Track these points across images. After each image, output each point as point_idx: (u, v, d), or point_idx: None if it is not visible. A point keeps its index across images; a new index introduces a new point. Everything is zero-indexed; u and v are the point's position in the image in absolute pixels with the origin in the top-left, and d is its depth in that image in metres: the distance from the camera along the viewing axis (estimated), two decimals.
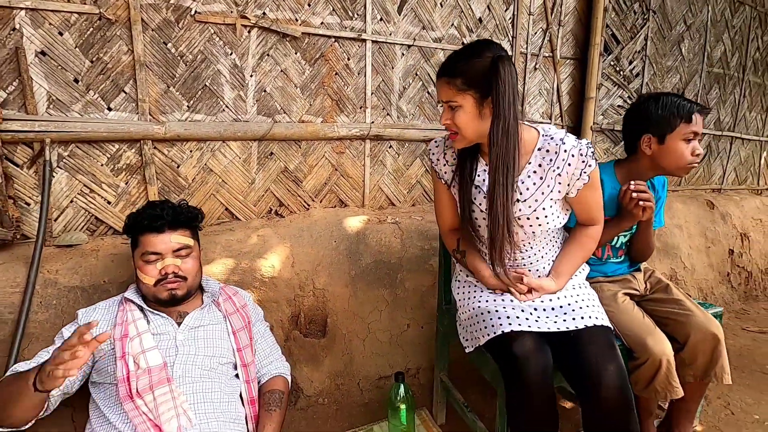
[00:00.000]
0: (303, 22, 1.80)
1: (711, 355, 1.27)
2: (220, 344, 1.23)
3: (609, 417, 1.01)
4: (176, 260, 1.19)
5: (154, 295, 1.18)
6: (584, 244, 1.27)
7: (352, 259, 1.86)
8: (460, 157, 1.24)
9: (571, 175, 1.15)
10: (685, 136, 1.33)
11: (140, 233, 1.19)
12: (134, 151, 1.61)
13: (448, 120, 1.13)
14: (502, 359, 1.10)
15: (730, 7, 3.16)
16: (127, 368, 1.07)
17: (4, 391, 1.01)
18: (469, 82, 1.07)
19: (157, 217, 1.19)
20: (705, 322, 1.28)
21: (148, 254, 1.17)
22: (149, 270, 1.17)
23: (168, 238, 1.19)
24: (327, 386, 1.70)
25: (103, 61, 1.50)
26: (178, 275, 1.19)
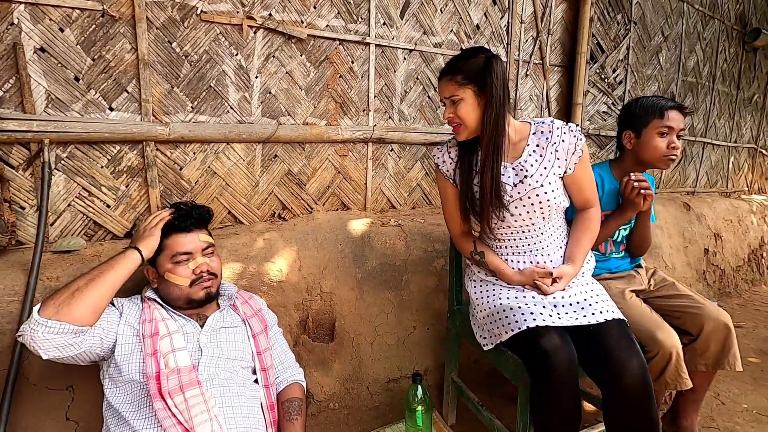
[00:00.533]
0: (308, 24, 1.79)
1: (723, 343, 1.36)
2: (241, 347, 1.21)
3: (632, 406, 1.05)
4: (206, 258, 1.19)
5: (188, 296, 1.17)
6: (588, 228, 1.35)
7: (357, 262, 1.86)
8: (461, 152, 1.34)
9: (567, 150, 1.26)
10: (659, 130, 1.46)
11: (167, 236, 1.17)
12: (136, 153, 1.55)
13: (452, 113, 1.26)
14: (528, 354, 1.13)
15: (701, 20, 3.36)
16: (158, 366, 1.03)
17: (93, 271, 1.05)
18: (468, 77, 1.21)
19: (186, 216, 1.19)
20: (717, 313, 1.36)
21: (179, 255, 1.16)
22: (182, 271, 1.16)
23: (196, 237, 1.20)
24: (337, 391, 1.68)
25: (105, 60, 1.45)
26: (211, 272, 1.19)
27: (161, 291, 1.21)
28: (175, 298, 1.18)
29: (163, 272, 1.18)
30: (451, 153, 1.38)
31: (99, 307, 1.03)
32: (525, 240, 1.30)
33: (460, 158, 1.34)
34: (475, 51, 1.24)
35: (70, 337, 0.98)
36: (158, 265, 1.19)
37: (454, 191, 1.38)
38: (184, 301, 1.18)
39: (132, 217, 1.59)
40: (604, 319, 1.14)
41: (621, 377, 1.04)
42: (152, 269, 1.22)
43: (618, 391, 1.05)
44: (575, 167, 1.28)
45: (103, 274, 1.06)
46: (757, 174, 4.40)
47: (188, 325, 1.17)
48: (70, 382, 1.27)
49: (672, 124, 1.45)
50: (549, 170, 1.26)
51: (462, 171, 1.33)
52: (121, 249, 1.47)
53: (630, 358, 1.05)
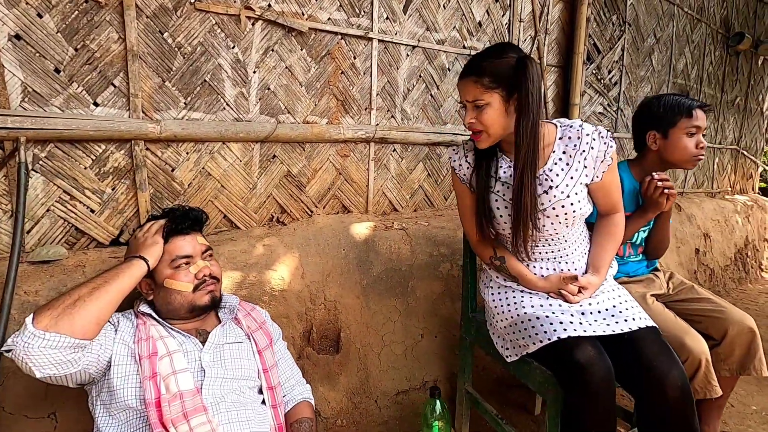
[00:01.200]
0: (309, 16, 1.69)
1: (748, 348, 1.32)
2: (246, 365, 1.10)
3: (673, 419, 1.00)
4: (206, 262, 1.11)
5: (192, 303, 1.07)
6: (613, 233, 1.28)
7: (362, 268, 1.76)
8: (479, 155, 1.25)
9: (596, 157, 1.18)
10: (687, 130, 1.41)
11: (165, 240, 1.08)
12: (123, 153, 1.42)
13: (473, 119, 1.14)
14: (561, 367, 1.06)
15: (690, 23, 3.41)
16: (158, 391, 0.92)
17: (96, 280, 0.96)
18: (496, 80, 1.09)
19: (184, 218, 1.10)
20: (740, 316, 1.33)
21: (179, 259, 1.07)
22: (182, 276, 1.06)
23: (195, 240, 1.12)
24: (344, 406, 1.57)
25: (89, 50, 1.32)
26: (213, 276, 1.11)
27: (159, 303, 1.09)
28: (177, 307, 1.07)
29: (162, 279, 1.07)
30: (468, 158, 1.28)
31: (102, 318, 0.92)
32: (548, 247, 1.24)
33: (477, 164, 1.25)
34: (504, 49, 1.11)
35: (69, 352, 0.87)
36: (156, 273, 1.08)
37: (472, 196, 1.29)
38: (187, 309, 1.08)
39: (119, 222, 1.46)
40: (637, 327, 1.09)
41: (662, 389, 0.98)
42: (146, 280, 1.10)
43: (659, 404, 0.99)
44: (603, 175, 1.19)
45: (108, 282, 0.95)
46: (739, 175, 4.51)
47: (188, 342, 1.06)
48: (52, 409, 1.13)
49: (699, 123, 1.41)
50: (576, 180, 1.17)
51: (479, 178, 1.24)
52: (107, 258, 1.36)
53: (671, 369, 0.99)
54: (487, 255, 1.31)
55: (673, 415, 0.99)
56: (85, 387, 1.01)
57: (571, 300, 1.16)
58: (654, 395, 0.99)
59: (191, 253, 1.10)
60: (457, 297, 1.92)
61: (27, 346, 0.82)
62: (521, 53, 1.10)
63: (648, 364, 1.01)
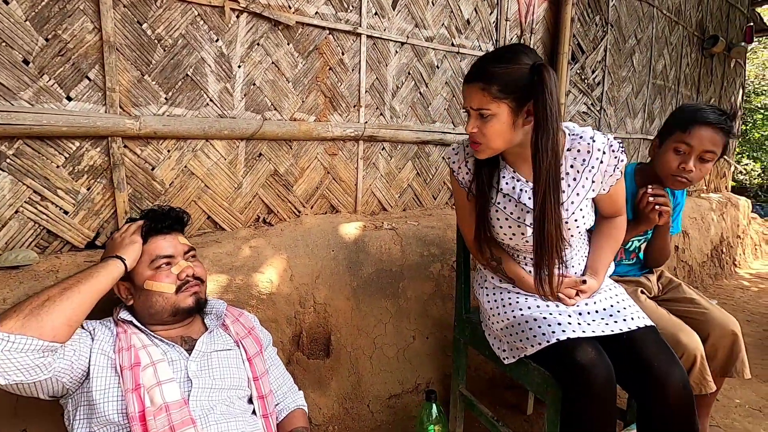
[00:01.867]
0: (297, 10, 1.64)
1: (730, 350, 1.31)
2: (236, 373, 1.05)
3: (675, 419, 0.99)
4: (189, 262, 1.06)
5: (175, 305, 1.01)
6: (613, 236, 1.26)
7: (352, 270, 1.72)
8: (478, 165, 1.18)
9: (604, 172, 1.12)
10: (676, 146, 1.29)
11: (144, 240, 1.03)
12: (100, 150, 1.34)
13: (475, 129, 1.05)
14: (561, 368, 1.04)
15: (668, 25, 3.48)
16: (142, 404, 0.86)
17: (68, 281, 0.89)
18: (506, 89, 0.99)
19: (164, 217, 1.05)
20: (723, 318, 1.32)
21: (159, 259, 1.02)
22: (164, 277, 1.01)
23: (176, 240, 1.06)
24: (336, 412, 1.53)
25: (61, 40, 1.23)
26: (197, 277, 1.06)
27: (139, 308, 1.03)
28: (159, 310, 1.01)
29: (142, 282, 1.01)
30: (468, 163, 1.20)
31: (74, 320, 0.86)
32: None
33: (477, 172, 1.18)
34: (517, 53, 0.99)
35: (37, 356, 0.80)
36: (135, 275, 1.02)
37: (471, 200, 1.24)
38: (170, 312, 1.02)
39: (95, 224, 1.37)
40: (636, 326, 1.08)
41: (664, 389, 0.98)
42: (125, 284, 1.03)
43: (660, 404, 0.99)
44: (610, 188, 1.14)
45: (81, 282, 0.89)
46: (713, 173, 4.65)
47: (172, 351, 1.00)
48: (22, 425, 1.05)
49: (693, 143, 1.25)
50: (582, 197, 1.11)
51: (479, 189, 1.17)
52: (82, 262, 1.28)
53: (672, 369, 0.99)
54: (484, 255, 1.29)
55: (674, 414, 0.98)
56: (60, 401, 0.94)
57: (567, 303, 1.14)
58: (655, 395, 0.99)
59: (172, 252, 1.04)
60: (448, 297, 1.89)
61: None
62: (537, 58, 0.99)
63: (648, 364, 1.00)
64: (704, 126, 1.24)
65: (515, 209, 1.16)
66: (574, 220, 1.13)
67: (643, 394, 1.02)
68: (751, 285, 3.85)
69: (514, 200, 1.15)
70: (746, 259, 4.62)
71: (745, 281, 3.96)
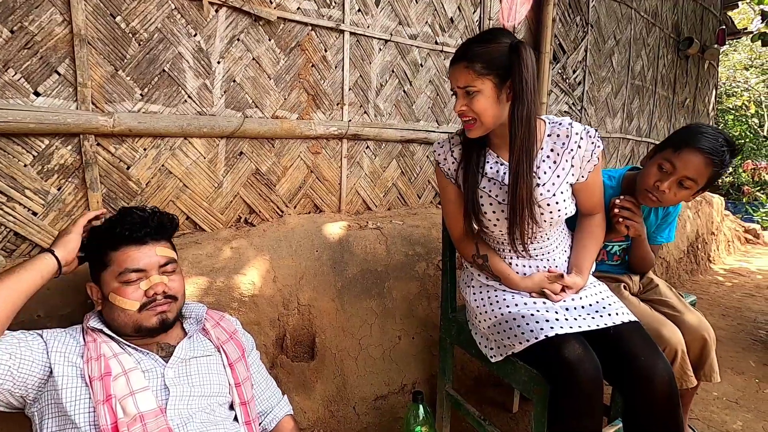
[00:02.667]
0: (278, 5, 1.60)
1: (700, 354, 1.31)
2: (216, 380, 1.01)
3: (660, 412, 1.00)
4: (163, 277, 0.97)
5: (137, 323, 0.93)
6: (594, 234, 1.28)
7: (336, 270, 1.69)
8: (467, 150, 1.20)
9: (582, 156, 1.16)
10: (660, 162, 1.23)
11: (115, 247, 0.94)
12: (71, 148, 1.28)
13: (464, 106, 1.09)
14: (549, 365, 1.04)
15: (646, 27, 3.56)
16: (114, 415, 0.81)
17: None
18: (489, 66, 1.04)
19: (141, 225, 0.95)
20: (694, 322, 1.32)
21: (128, 273, 0.93)
22: (130, 293, 0.92)
23: (153, 251, 0.96)
24: (321, 415, 1.50)
25: (28, 32, 1.17)
26: (168, 295, 0.96)
27: (106, 316, 0.97)
28: (121, 324, 0.94)
29: (107, 293, 0.94)
30: (455, 152, 1.23)
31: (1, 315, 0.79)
32: (530, 245, 1.21)
33: (465, 158, 1.20)
34: (496, 34, 1.06)
35: None
36: (103, 282, 0.95)
37: (457, 191, 1.25)
38: (133, 328, 0.95)
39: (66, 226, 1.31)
40: (621, 321, 1.09)
41: (649, 383, 0.98)
42: (96, 287, 0.97)
43: (646, 397, 0.99)
44: (589, 175, 1.18)
45: (3, 278, 0.83)
46: None
47: (146, 359, 0.95)
48: None
49: (677, 164, 1.20)
50: (562, 179, 1.15)
51: (466, 173, 1.19)
52: None
53: (657, 363, 1.00)
54: (470, 253, 1.28)
55: (660, 407, 0.99)
56: (26, 412, 0.89)
57: (553, 299, 1.15)
58: (641, 389, 0.99)
59: (144, 266, 0.95)
60: (433, 297, 1.89)
61: None
62: (514, 38, 1.06)
63: (634, 358, 1.01)
64: (695, 151, 1.18)
65: (500, 192, 1.18)
66: (556, 203, 1.15)
67: (629, 388, 1.02)
68: (726, 280, 3.96)
69: (498, 183, 1.17)
70: (720, 255, 4.76)
71: (720, 276, 4.08)
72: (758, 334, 2.63)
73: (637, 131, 3.70)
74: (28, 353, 0.85)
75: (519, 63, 1.01)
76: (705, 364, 1.33)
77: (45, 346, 0.88)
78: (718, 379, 1.34)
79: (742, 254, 5.09)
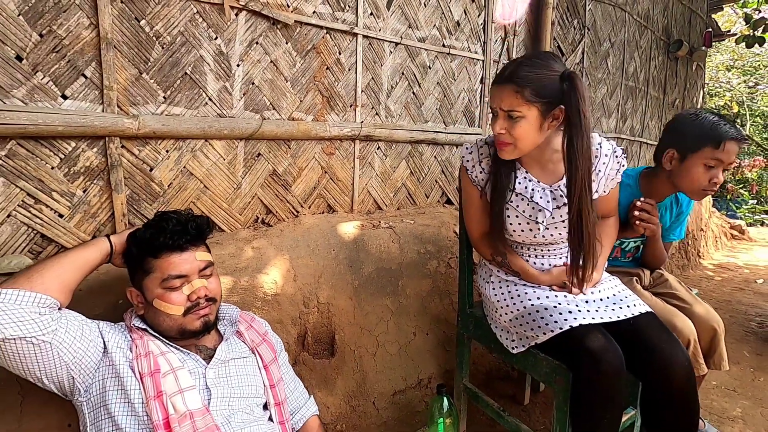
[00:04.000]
0: (295, 9, 1.63)
1: (710, 345, 1.38)
2: (253, 381, 1.04)
3: (680, 395, 1.05)
4: (203, 281, 0.99)
5: (182, 327, 0.96)
6: (609, 234, 1.34)
7: (353, 269, 1.73)
8: (496, 165, 1.22)
9: (607, 175, 1.21)
10: (707, 162, 1.30)
11: (156, 255, 0.95)
12: (96, 151, 1.29)
13: (503, 130, 1.09)
14: (572, 355, 1.09)
15: (638, 29, 3.66)
16: (166, 411, 0.84)
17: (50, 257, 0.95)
18: (538, 93, 1.04)
19: (182, 233, 0.97)
20: (704, 314, 1.39)
21: (171, 279, 0.95)
22: (175, 298, 0.95)
23: (193, 257, 0.98)
24: (343, 410, 1.53)
25: (56, 36, 1.18)
26: (209, 297, 0.99)
27: (149, 320, 0.99)
28: (166, 328, 0.97)
29: (151, 299, 0.96)
30: (483, 164, 1.24)
31: (64, 278, 0.89)
32: (550, 246, 1.27)
33: (495, 173, 1.20)
34: (547, 60, 1.05)
35: (33, 309, 0.82)
36: (145, 289, 0.97)
37: (482, 201, 1.28)
38: (177, 332, 0.97)
39: (91, 228, 1.33)
40: (638, 312, 1.14)
41: (670, 371, 1.04)
42: (137, 292, 0.99)
43: (666, 385, 1.05)
44: (610, 191, 1.23)
45: (68, 251, 0.94)
46: None
47: (189, 359, 0.97)
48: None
49: (724, 158, 1.28)
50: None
51: (495, 190, 1.20)
52: None
53: (676, 351, 1.05)
54: (488, 252, 1.33)
55: (680, 393, 1.05)
56: (74, 401, 0.90)
57: (574, 291, 1.20)
58: (661, 377, 1.05)
59: (186, 272, 0.97)
60: (445, 294, 1.93)
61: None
62: (565, 66, 1.05)
63: (653, 348, 1.06)
64: (734, 141, 1.28)
65: (527, 207, 1.22)
66: None
67: (650, 376, 1.08)
68: (715, 275, 4.09)
69: (526, 199, 1.21)
70: (708, 251, 4.90)
71: (709, 271, 4.21)
72: (750, 326, 2.73)
73: (630, 131, 3.80)
74: (88, 332, 0.89)
75: (575, 95, 1.01)
76: (715, 353, 1.39)
77: (99, 331, 0.92)
78: (727, 367, 1.40)
79: (729, 250, 5.25)
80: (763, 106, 10.80)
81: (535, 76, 1.03)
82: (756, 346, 2.44)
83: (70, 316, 0.89)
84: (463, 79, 2.32)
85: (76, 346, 0.86)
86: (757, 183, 8.26)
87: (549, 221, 1.21)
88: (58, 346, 0.83)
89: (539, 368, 1.22)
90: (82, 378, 0.88)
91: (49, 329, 0.82)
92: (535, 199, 1.19)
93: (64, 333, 0.85)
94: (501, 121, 1.09)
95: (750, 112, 10.74)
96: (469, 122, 2.41)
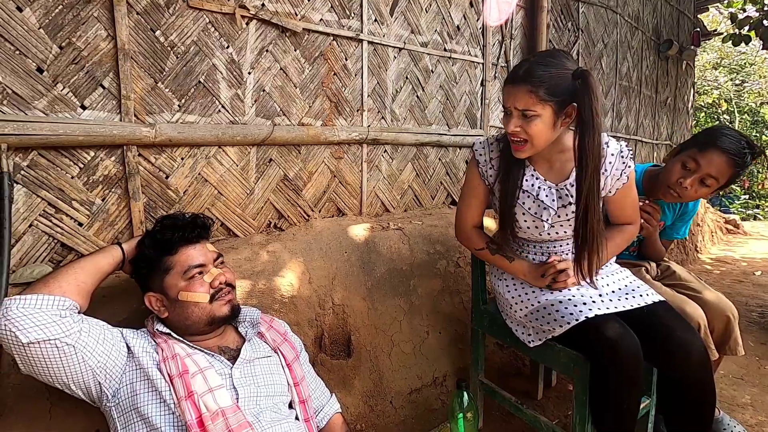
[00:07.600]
0: (303, 17, 1.66)
1: (725, 330, 1.40)
2: (278, 380, 1.06)
3: (697, 380, 1.09)
4: (219, 269, 1.05)
5: (211, 314, 1.00)
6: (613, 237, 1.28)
7: (365, 270, 1.75)
8: (506, 162, 1.24)
9: (612, 175, 1.21)
10: (686, 160, 1.30)
11: (172, 251, 1.01)
12: (114, 159, 1.31)
13: (519, 128, 1.10)
14: (590, 345, 1.11)
15: (630, 30, 3.75)
16: (198, 410, 0.86)
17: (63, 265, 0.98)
18: (552, 92, 1.05)
19: (192, 226, 1.04)
20: (716, 300, 1.42)
21: (192, 269, 1.00)
22: (198, 286, 1.00)
23: (205, 248, 1.06)
24: (362, 410, 1.55)
25: (75, 48, 1.21)
26: (228, 283, 1.05)
27: (175, 320, 1.01)
28: (195, 321, 1.00)
29: (176, 294, 0.99)
30: (494, 160, 1.26)
31: (81, 281, 0.92)
32: (555, 242, 1.30)
33: (505, 170, 1.23)
34: (560, 58, 1.06)
35: (53, 312, 0.84)
36: (168, 287, 1.00)
37: (485, 190, 1.32)
38: (206, 322, 1.01)
39: (109, 236, 1.34)
40: (652, 301, 1.17)
41: (686, 357, 1.07)
42: (157, 296, 1.01)
43: (683, 371, 1.08)
44: (617, 192, 1.22)
45: (75, 261, 0.96)
46: None
47: (214, 360, 0.99)
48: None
49: (701, 163, 1.27)
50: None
51: (505, 188, 1.22)
52: None
53: (692, 338, 1.08)
54: (478, 244, 1.34)
55: (697, 378, 1.08)
56: (103, 407, 0.92)
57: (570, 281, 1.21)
58: (679, 362, 1.08)
59: (204, 261, 1.03)
60: (455, 293, 1.96)
61: (5, 310, 0.81)
62: (577, 64, 1.06)
63: (669, 334, 1.09)
64: (719, 151, 1.26)
65: (533, 205, 1.24)
66: None
67: (666, 362, 1.11)
68: (713, 268, 4.15)
69: (532, 197, 1.23)
70: (705, 245, 4.97)
71: (708, 265, 4.27)
72: (752, 317, 2.78)
73: (625, 129, 3.87)
74: (110, 337, 0.91)
75: (588, 93, 1.01)
76: (730, 339, 1.41)
77: (122, 336, 0.94)
78: (742, 352, 1.41)
79: (725, 244, 5.33)
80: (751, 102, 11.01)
81: (549, 75, 1.04)
82: (759, 336, 2.49)
83: (92, 321, 0.91)
84: (464, 82, 2.36)
85: (99, 350, 0.88)
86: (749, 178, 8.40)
87: (554, 219, 1.23)
88: (82, 350, 0.85)
89: (557, 360, 1.24)
90: (109, 383, 0.90)
91: (72, 331, 0.84)
92: (541, 197, 1.21)
93: (87, 336, 0.87)
94: (515, 119, 1.10)
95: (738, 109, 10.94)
96: (471, 124, 2.45)
